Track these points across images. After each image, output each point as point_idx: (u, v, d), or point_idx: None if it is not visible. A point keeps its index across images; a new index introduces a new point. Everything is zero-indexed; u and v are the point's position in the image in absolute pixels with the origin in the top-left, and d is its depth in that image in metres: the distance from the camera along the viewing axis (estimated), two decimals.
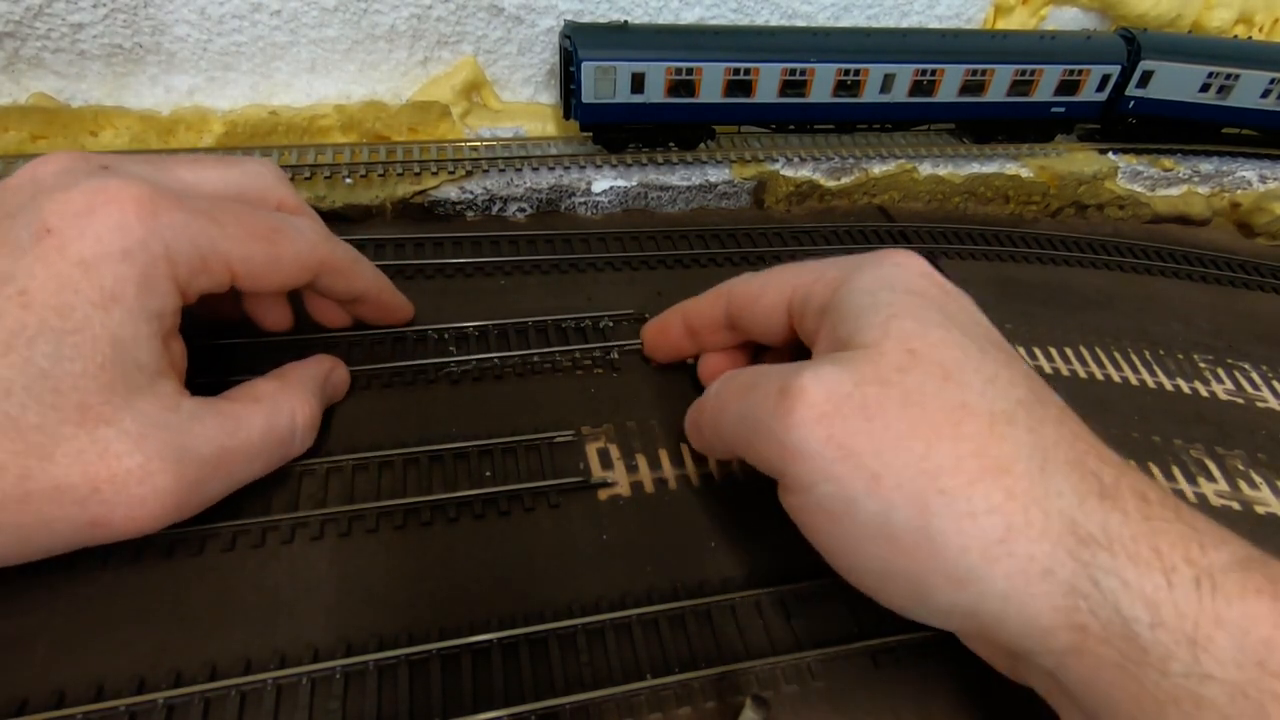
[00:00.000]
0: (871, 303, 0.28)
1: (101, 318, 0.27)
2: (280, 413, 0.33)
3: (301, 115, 0.57)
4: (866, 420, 0.25)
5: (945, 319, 0.28)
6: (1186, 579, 0.22)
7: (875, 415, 0.25)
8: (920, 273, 0.30)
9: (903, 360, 0.26)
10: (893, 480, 0.25)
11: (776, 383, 0.28)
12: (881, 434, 0.25)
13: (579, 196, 0.57)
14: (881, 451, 0.25)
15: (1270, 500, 0.43)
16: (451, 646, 0.30)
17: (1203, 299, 0.59)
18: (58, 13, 0.51)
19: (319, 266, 0.35)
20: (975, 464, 0.24)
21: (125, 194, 0.28)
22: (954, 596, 0.24)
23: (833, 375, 0.26)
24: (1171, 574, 0.22)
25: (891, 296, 0.28)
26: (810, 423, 0.26)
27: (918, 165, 0.65)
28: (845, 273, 0.31)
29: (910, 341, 0.27)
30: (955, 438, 0.25)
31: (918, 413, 0.25)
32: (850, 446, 0.25)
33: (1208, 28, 0.76)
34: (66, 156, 0.30)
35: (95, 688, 0.27)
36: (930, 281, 0.30)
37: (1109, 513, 0.23)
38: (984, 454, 0.24)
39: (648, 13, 0.63)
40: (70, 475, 0.26)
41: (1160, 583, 0.22)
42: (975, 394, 0.25)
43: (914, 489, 0.24)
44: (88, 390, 0.26)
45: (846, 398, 0.26)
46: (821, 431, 0.26)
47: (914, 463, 0.24)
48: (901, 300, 0.28)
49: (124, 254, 0.27)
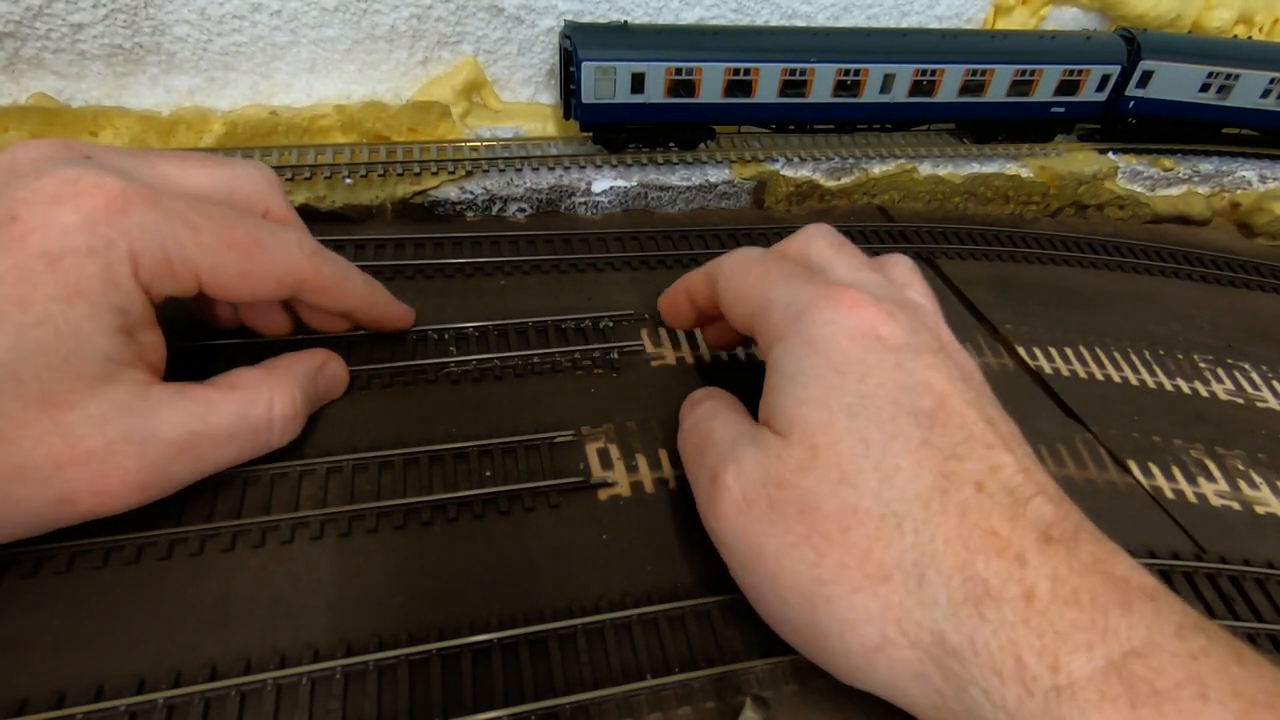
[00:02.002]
0: (790, 379, 0.28)
1: (64, 311, 0.26)
2: (256, 402, 0.32)
3: (301, 115, 0.57)
4: (770, 523, 0.27)
5: (859, 399, 0.27)
6: (1046, 688, 0.22)
7: (777, 519, 0.27)
8: (851, 332, 0.28)
9: (804, 459, 0.27)
10: (789, 581, 0.27)
11: (713, 462, 0.30)
12: (781, 537, 0.27)
13: (579, 196, 0.57)
14: (780, 554, 0.27)
15: (1270, 500, 0.43)
16: (451, 646, 0.30)
17: (1203, 299, 0.59)
18: (58, 13, 0.51)
19: (297, 285, 0.34)
20: (858, 573, 0.25)
21: (96, 187, 0.28)
22: (850, 680, 0.27)
23: (748, 471, 0.28)
24: (1031, 684, 0.22)
25: (811, 373, 0.28)
26: (727, 518, 0.28)
27: (918, 165, 0.65)
28: (785, 321, 0.30)
29: (814, 436, 0.27)
30: (843, 545, 0.26)
31: (811, 519, 0.26)
32: (757, 545, 0.27)
33: (1208, 28, 0.76)
34: (49, 144, 0.30)
35: (95, 688, 0.27)
36: (863, 341, 0.28)
37: (979, 624, 0.23)
38: (867, 562, 0.25)
39: (648, 13, 0.63)
40: (34, 457, 0.26)
41: (1019, 693, 0.22)
42: (869, 496, 0.26)
43: (805, 592, 0.26)
44: (50, 380, 0.26)
45: (755, 498, 0.28)
46: (737, 526, 0.28)
47: (805, 570, 0.26)
48: (817, 380, 0.28)
49: (88, 249, 0.27)
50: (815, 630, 0.26)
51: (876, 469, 0.26)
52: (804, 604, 0.26)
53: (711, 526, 0.30)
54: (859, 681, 0.27)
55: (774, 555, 0.27)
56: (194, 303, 0.38)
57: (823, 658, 0.27)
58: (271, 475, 0.35)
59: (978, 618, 0.23)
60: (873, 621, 0.25)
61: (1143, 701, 0.21)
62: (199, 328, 0.39)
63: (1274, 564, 0.39)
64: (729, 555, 0.29)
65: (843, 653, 0.26)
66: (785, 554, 0.26)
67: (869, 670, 0.26)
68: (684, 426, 0.35)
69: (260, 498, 0.34)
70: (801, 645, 0.28)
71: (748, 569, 0.28)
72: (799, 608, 0.27)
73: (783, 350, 0.29)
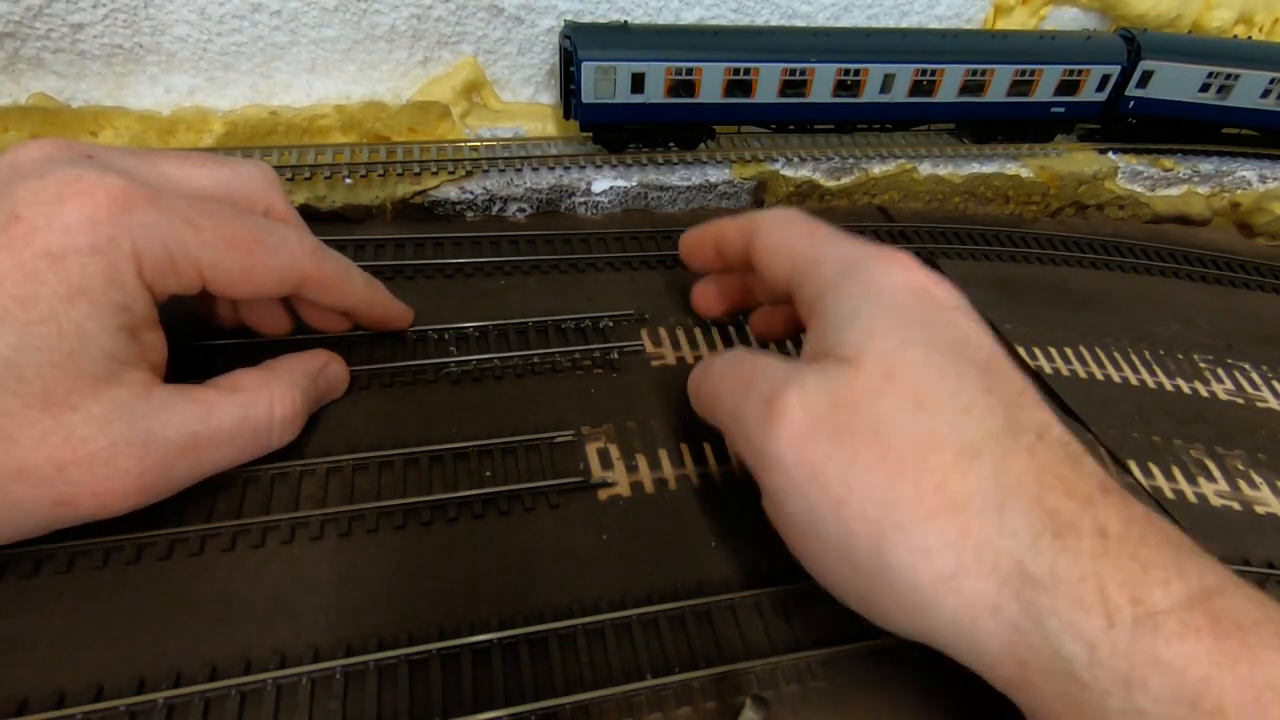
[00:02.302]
0: (854, 314, 0.28)
1: (67, 310, 0.26)
2: (258, 403, 0.33)
3: (301, 115, 0.57)
4: (837, 445, 0.26)
5: (928, 339, 0.27)
6: (1127, 620, 0.22)
7: (846, 441, 0.26)
8: (908, 285, 0.29)
9: (878, 383, 0.26)
10: (855, 508, 0.25)
11: (766, 389, 0.28)
12: (850, 461, 0.25)
13: (579, 196, 0.57)
14: (848, 478, 0.25)
15: (1270, 500, 0.43)
16: (451, 646, 0.30)
17: (1203, 299, 0.59)
18: (58, 13, 0.51)
19: (299, 282, 0.34)
20: (934, 500, 0.24)
21: (98, 187, 0.27)
22: (907, 622, 0.26)
23: (814, 393, 0.27)
24: (1114, 615, 0.22)
25: (875, 310, 0.28)
26: (787, 440, 0.27)
27: (918, 165, 0.65)
28: (838, 272, 0.31)
29: (888, 363, 0.27)
30: (919, 470, 0.25)
31: (886, 442, 0.25)
32: (820, 469, 0.26)
33: (1208, 28, 0.76)
34: (50, 143, 0.30)
35: (95, 688, 0.27)
36: (919, 295, 0.29)
37: (1059, 554, 0.23)
38: (944, 489, 0.24)
39: (648, 13, 0.63)
40: (34, 457, 0.26)
41: (1101, 624, 0.22)
42: (946, 424, 0.25)
43: (873, 519, 0.25)
44: (52, 379, 0.26)
45: (822, 420, 0.26)
46: (796, 450, 0.26)
47: (876, 493, 0.25)
48: (884, 316, 0.28)
49: (91, 248, 0.27)
50: (879, 563, 0.25)
51: (952, 400, 0.26)
52: (871, 532, 0.25)
53: (766, 453, 0.27)
54: (919, 623, 0.25)
55: (840, 480, 0.25)
56: (194, 302, 0.38)
57: (882, 594, 0.26)
58: (271, 475, 0.35)
59: (1059, 548, 0.23)
60: (949, 548, 0.24)
61: (1226, 634, 0.21)
62: (199, 328, 0.39)
63: (1274, 564, 0.39)
64: (784, 482, 0.27)
65: (910, 586, 0.25)
66: (854, 479, 0.25)
67: (935, 606, 0.24)
68: (713, 370, 0.34)
69: (260, 498, 0.34)
70: (856, 586, 0.27)
71: (806, 496, 0.26)
72: (864, 537, 0.25)
73: (837, 295, 0.30)
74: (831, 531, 0.26)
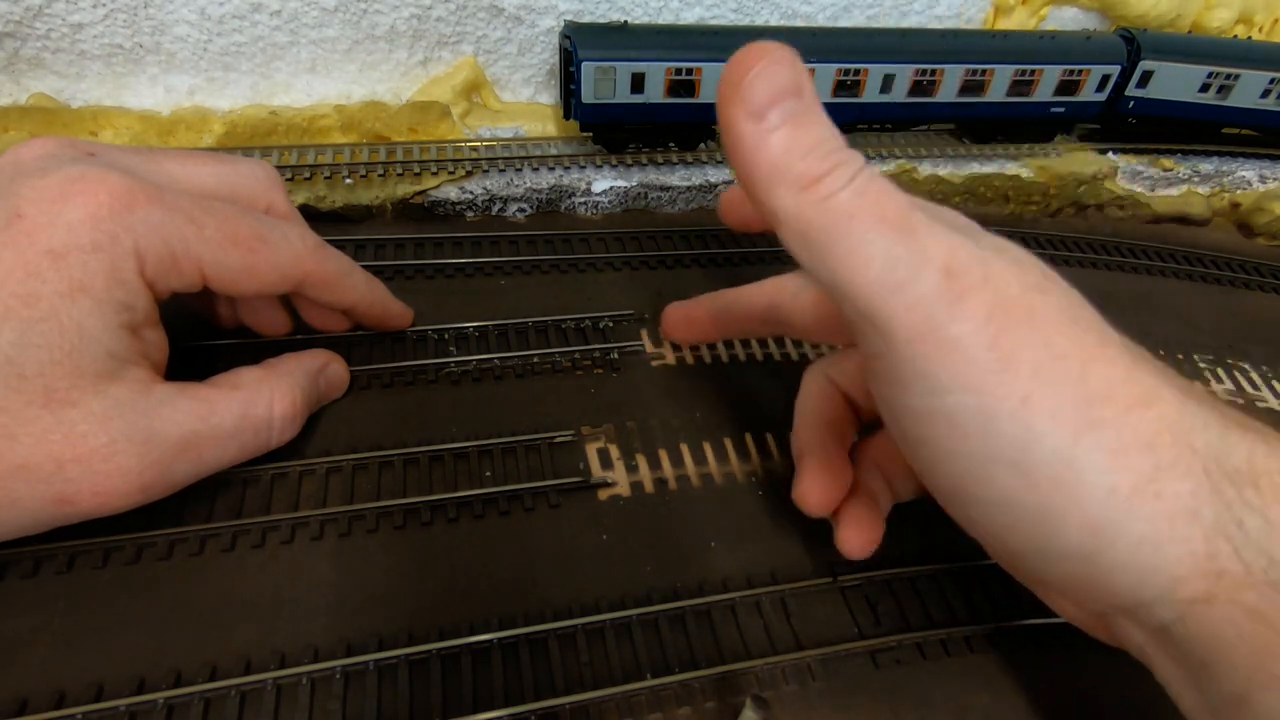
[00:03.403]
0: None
1: (68, 308, 0.26)
2: (258, 402, 0.33)
3: (301, 115, 0.57)
4: (1031, 330, 0.22)
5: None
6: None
7: (1040, 326, 0.22)
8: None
9: (1042, 279, 0.23)
10: (1046, 405, 0.22)
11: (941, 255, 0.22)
12: (1042, 349, 0.22)
13: (579, 196, 0.57)
14: (1040, 369, 0.22)
15: None
16: (451, 646, 0.30)
17: (1203, 299, 0.59)
18: (58, 13, 0.51)
19: (301, 279, 0.34)
20: (1126, 392, 0.22)
21: (101, 184, 0.28)
22: (1083, 539, 0.22)
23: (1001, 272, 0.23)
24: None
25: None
26: (980, 318, 0.22)
27: (918, 165, 0.65)
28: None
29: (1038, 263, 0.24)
30: (1108, 362, 0.22)
31: (1073, 331, 0.22)
32: (1013, 357, 0.22)
33: (1208, 28, 0.76)
34: (52, 142, 0.30)
35: (95, 688, 0.27)
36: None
37: (1256, 444, 0.21)
38: (1133, 382, 0.22)
39: (648, 13, 0.63)
40: (34, 454, 0.26)
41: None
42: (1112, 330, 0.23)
43: (1067, 417, 0.21)
44: (54, 376, 0.26)
45: (1015, 300, 0.22)
46: (989, 334, 0.22)
47: (1070, 386, 0.22)
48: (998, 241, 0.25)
49: (93, 246, 0.27)
50: (1067, 471, 0.22)
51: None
52: (1062, 431, 0.22)
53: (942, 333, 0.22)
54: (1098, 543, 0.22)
55: (1031, 371, 0.22)
56: (195, 301, 0.38)
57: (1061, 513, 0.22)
58: (271, 475, 0.35)
59: (1252, 439, 0.22)
60: (1148, 447, 0.21)
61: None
62: (200, 327, 0.39)
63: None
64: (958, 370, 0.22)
65: (1106, 493, 0.21)
66: (1046, 369, 0.22)
67: (1127, 518, 0.21)
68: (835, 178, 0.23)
69: (260, 498, 0.34)
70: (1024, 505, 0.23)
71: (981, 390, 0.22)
72: (1054, 438, 0.22)
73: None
74: (1009, 434, 0.22)
